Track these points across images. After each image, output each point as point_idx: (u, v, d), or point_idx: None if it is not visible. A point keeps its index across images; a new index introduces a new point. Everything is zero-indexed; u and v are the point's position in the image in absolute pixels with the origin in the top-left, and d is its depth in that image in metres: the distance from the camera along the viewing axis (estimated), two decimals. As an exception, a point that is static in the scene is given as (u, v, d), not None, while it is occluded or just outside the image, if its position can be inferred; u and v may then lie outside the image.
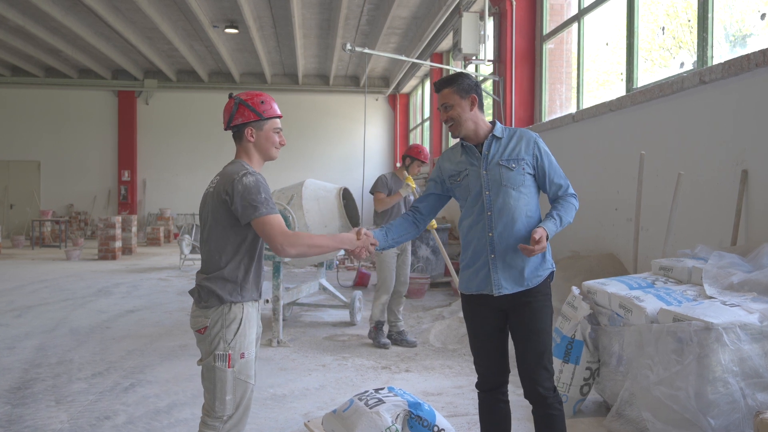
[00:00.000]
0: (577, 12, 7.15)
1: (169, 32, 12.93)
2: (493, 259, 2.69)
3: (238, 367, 2.47)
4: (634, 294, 3.48)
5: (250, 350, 2.51)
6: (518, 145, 2.75)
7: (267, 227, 2.43)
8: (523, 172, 2.71)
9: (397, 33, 12.99)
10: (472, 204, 2.76)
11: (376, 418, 2.99)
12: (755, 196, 4.11)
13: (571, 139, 6.96)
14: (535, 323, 2.70)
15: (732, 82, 4.31)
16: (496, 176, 2.70)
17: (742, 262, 3.42)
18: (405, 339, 5.85)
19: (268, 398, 4.26)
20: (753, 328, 2.77)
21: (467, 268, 2.81)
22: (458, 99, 2.74)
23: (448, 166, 2.90)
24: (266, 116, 2.58)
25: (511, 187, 2.69)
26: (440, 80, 2.80)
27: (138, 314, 7.22)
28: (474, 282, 2.76)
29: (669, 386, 2.91)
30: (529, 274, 2.69)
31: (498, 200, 2.69)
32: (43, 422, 3.82)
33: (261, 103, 2.59)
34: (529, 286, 2.69)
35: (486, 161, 2.74)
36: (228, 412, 2.49)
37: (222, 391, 2.46)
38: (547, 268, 2.75)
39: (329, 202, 6.20)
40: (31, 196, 18.13)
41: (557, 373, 3.75)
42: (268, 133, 2.61)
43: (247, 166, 2.54)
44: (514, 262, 2.68)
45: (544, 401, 2.68)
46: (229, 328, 2.46)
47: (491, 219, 2.70)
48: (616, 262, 5.74)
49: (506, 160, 2.71)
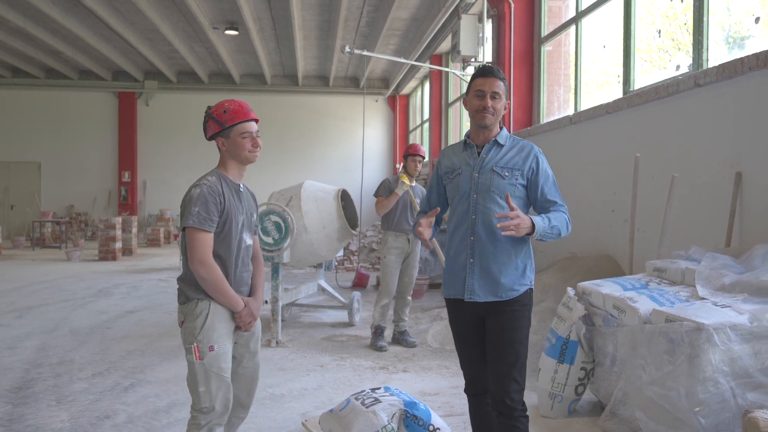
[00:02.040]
0: (575, 14, 7.19)
1: (169, 33, 12.97)
2: (472, 263, 2.66)
3: (208, 360, 2.58)
4: (628, 295, 3.52)
5: (220, 344, 2.62)
6: (517, 156, 2.71)
7: (189, 239, 2.60)
8: (515, 182, 2.66)
9: (396, 34, 13.03)
10: (459, 205, 2.73)
11: (372, 417, 3.03)
12: (749, 198, 4.16)
13: (568, 141, 7.01)
14: (510, 332, 2.64)
15: (726, 85, 4.35)
16: (487, 181, 2.66)
17: (735, 264, 3.46)
18: (406, 339, 5.89)
19: (267, 398, 4.30)
20: (743, 329, 2.81)
21: (448, 270, 2.79)
22: (503, 95, 2.70)
23: (445, 162, 2.87)
24: (228, 125, 2.68)
25: (499, 195, 2.65)
26: (493, 68, 2.72)
27: (138, 315, 7.26)
28: (453, 286, 2.74)
29: (661, 386, 2.94)
30: (504, 286, 2.63)
31: (484, 206, 2.65)
32: (44, 421, 3.86)
33: (223, 113, 2.69)
34: (502, 298, 2.63)
35: (481, 164, 2.70)
36: (203, 404, 2.60)
37: (194, 382, 2.61)
38: (524, 284, 2.68)
39: (328, 203, 6.25)
40: (32, 196, 18.18)
41: (552, 373, 3.80)
42: (236, 140, 2.70)
43: (211, 178, 2.68)
44: (492, 270, 2.63)
45: (510, 413, 2.63)
46: (195, 323, 2.62)
47: (475, 223, 2.66)
48: (612, 263, 5.78)
49: (501, 168, 2.67)
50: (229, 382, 2.65)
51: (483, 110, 2.67)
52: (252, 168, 3.00)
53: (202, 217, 2.58)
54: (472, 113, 2.73)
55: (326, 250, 6.35)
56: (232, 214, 2.68)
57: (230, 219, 2.68)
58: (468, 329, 2.77)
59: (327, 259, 6.68)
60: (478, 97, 2.68)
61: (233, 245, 2.70)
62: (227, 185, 2.71)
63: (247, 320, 2.71)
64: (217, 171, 2.75)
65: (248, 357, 2.83)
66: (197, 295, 2.65)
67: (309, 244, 6.14)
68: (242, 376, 2.83)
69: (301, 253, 6.22)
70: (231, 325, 2.71)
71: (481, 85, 2.68)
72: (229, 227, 2.68)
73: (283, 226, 5.88)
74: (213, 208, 2.61)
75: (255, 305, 2.78)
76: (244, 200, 2.81)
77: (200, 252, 2.58)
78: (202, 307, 2.64)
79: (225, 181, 2.72)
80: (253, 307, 2.75)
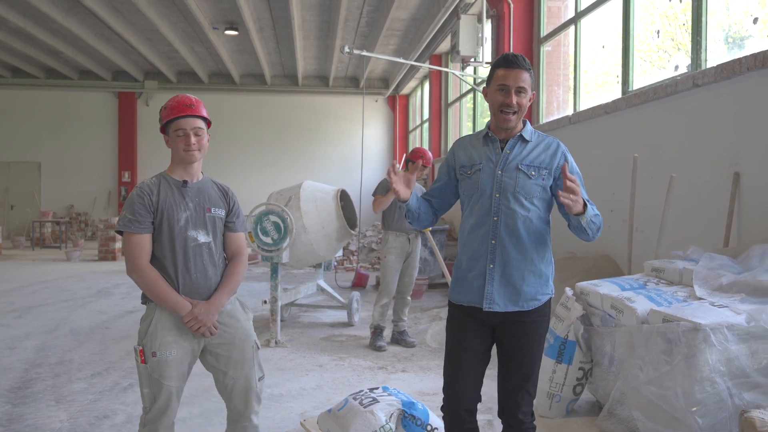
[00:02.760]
0: (574, 15, 7.20)
1: (169, 34, 12.97)
2: (492, 269, 2.44)
3: (151, 365, 2.53)
4: (626, 295, 3.53)
5: (163, 352, 2.53)
6: (544, 153, 2.48)
7: (124, 243, 2.58)
8: (542, 182, 2.45)
9: (396, 35, 13.03)
10: (478, 205, 2.49)
11: (370, 417, 3.04)
12: (747, 198, 4.16)
13: (567, 141, 6.93)
14: (527, 345, 2.48)
15: (725, 85, 4.36)
16: (511, 181, 2.43)
17: (732, 264, 3.46)
18: (405, 339, 5.89)
19: (265, 398, 4.29)
20: (740, 329, 2.82)
21: (462, 275, 2.54)
22: (530, 87, 2.42)
23: (462, 154, 2.60)
24: (164, 121, 2.64)
25: (524, 196, 2.43)
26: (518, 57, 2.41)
27: (137, 315, 7.26)
28: (467, 293, 2.51)
29: (658, 386, 2.95)
30: (526, 295, 2.45)
31: (507, 207, 2.43)
32: (43, 421, 3.87)
33: (162, 109, 2.66)
34: (524, 308, 2.44)
35: (505, 161, 2.46)
36: (145, 404, 2.59)
37: (140, 382, 2.58)
38: (546, 293, 2.51)
39: (327, 204, 6.26)
40: (32, 197, 18.18)
41: (550, 373, 3.80)
42: (173, 138, 2.62)
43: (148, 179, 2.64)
44: (513, 278, 2.43)
45: (520, 426, 2.50)
46: (142, 326, 2.61)
47: (496, 225, 2.43)
48: (611, 263, 5.79)
49: (527, 166, 2.45)
50: (171, 390, 2.55)
51: (507, 108, 2.41)
52: (252, 168, 2.97)
53: (127, 220, 2.52)
54: (494, 110, 2.47)
55: (325, 250, 6.36)
56: (168, 213, 2.56)
57: (165, 218, 2.55)
58: (476, 340, 2.53)
59: (326, 259, 6.69)
60: (501, 93, 2.42)
61: (176, 245, 2.57)
62: (166, 183, 2.61)
63: (192, 325, 2.53)
64: (162, 172, 2.68)
65: (234, 367, 2.67)
66: (145, 299, 2.63)
67: (308, 244, 6.14)
68: (233, 388, 2.70)
69: (300, 254, 6.22)
70: (181, 332, 2.57)
71: (504, 78, 2.41)
72: (165, 226, 2.56)
73: (282, 226, 5.88)
74: (140, 209, 2.52)
75: (204, 309, 2.55)
76: (192, 196, 2.64)
77: (131, 256, 2.53)
78: (149, 311, 2.60)
79: (165, 180, 2.63)
80: (198, 311, 2.53)
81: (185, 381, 2.65)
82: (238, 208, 2.81)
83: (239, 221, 2.80)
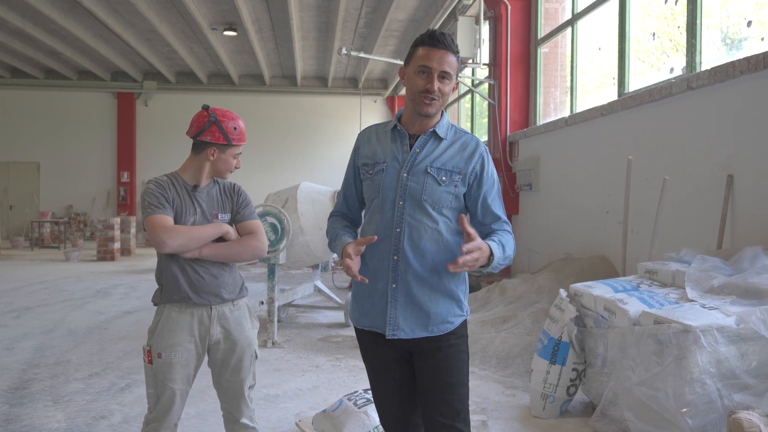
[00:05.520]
0: (571, 17, 7.23)
1: (168, 34, 13.01)
2: (394, 289, 2.07)
3: (156, 366, 2.56)
4: (619, 297, 3.55)
5: (168, 353, 2.55)
6: (459, 154, 2.11)
7: (148, 226, 2.51)
8: (454, 189, 2.08)
9: (394, 35, 13.07)
10: (379, 213, 2.12)
11: (364, 418, 3.07)
12: (740, 200, 4.19)
13: (564, 143, 7.05)
14: (447, 375, 2.08)
15: (718, 88, 4.39)
16: (418, 186, 2.07)
17: (724, 266, 3.49)
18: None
19: (261, 398, 4.33)
20: (730, 331, 2.84)
21: (362, 294, 2.17)
22: (455, 74, 2.08)
23: (365, 149, 2.23)
24: (234, 143, 2.64)
25: (431, 205, 2.07)
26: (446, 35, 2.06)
27: (135, 315, 7.29)
28: (368, 315, 2.15)
29: (649, 387, 2.98)
30: (436, 318, 2.08)
31: (413, 217, 2.07)
32: (41, 422, 3.89)
33: (233, 129, 2.63)
34: (434, 333, 2.08)
35: (413, 162, 2.10)
36: (149, 404, 2.61)
37: (146, 382, 2.61)
38: (460, 314, 2.13)
39: (324, 204, 6.29)
40: (31, 197, 18.21)
41: (544, 374, 3.83)
42: (228, 158, 2.65)
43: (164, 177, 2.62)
44: (420, 299, 2.07)
45: None
46: (151, 326, 2.62)
47: (399, 238, 2.06)
48: (607, 265, 5.82)
49: (437, 170, 2.08)
50: (175, 392, 2.57)
51: (427, 94, 2.03)
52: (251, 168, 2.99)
53: (154, 206, 2.52)
54: (411, 94, 2.08)
55: (322, 251, 6.38)
56: (177, 213, 2.58)
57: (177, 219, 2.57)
58: (390, 371, 2.17)
59: (323, 260, 6.72)
60: (421, 76, 2.05)
61: None
62: (178, 184, 2.63)
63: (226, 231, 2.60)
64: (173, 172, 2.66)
65: (229, 372, 2.68)
66: (155, 300, 2.64)
67: (305, 245, 6.17)
68: (226, 389, 2.72)
69: (297, 255, 6.25)
70: (188, 335, 2.59)
71: (426, 59, 2.03)
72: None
73: (279, 227, 5.91)
74: (162, 199, 2.54)
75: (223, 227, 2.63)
76: (201, 200, 2.65)
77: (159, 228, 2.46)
78: (158, 312, 2.62)
79: (177, 180, 2.64)
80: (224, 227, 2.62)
81: (191, 384, 2.67)
82: (244, 199, 2.77)
83: (247, 210, 2.75)
